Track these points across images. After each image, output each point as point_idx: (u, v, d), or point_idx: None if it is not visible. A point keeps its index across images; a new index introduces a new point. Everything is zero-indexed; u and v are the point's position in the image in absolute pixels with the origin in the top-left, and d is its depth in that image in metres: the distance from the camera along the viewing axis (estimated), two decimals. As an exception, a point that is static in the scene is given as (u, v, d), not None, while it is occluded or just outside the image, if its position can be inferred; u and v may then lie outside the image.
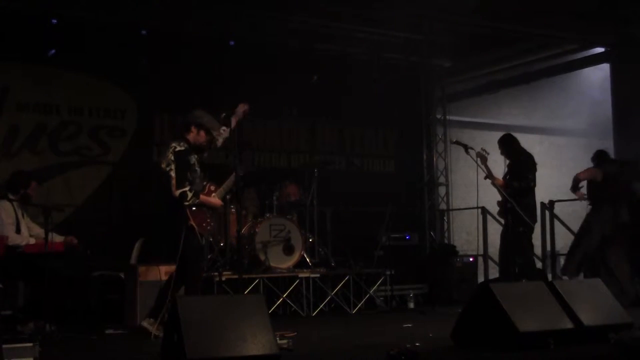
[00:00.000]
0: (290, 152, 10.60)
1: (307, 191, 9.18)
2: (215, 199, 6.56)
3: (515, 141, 8.37)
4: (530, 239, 8.12)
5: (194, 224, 6.24)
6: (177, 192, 6.16)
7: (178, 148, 6.28)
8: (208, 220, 6.44)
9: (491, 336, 5.23)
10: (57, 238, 7.11)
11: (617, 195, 8.68)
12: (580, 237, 8.85)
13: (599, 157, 9.02)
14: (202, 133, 6.38)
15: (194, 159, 6.36)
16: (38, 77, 8.96)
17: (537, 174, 8.31)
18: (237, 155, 8.84)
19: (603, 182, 8.68)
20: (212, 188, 6.63)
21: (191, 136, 6.39)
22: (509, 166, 8.19)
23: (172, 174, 6.22)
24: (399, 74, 11.33)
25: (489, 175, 7.84)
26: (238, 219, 7.62)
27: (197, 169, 6.37)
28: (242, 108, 6.76)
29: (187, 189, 6.17)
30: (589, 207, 8.89)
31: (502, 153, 8.33)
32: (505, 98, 13.71)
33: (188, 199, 6.17)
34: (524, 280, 7.68)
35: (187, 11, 9.30)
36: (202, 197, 6.36)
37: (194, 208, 6.26)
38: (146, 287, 7.30)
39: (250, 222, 8.70)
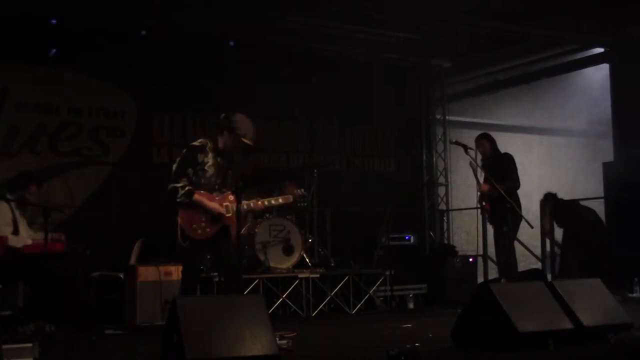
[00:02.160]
0: (289, 152, 10.59)
1: (306, 191, 9.17)
2: (213, 204, 5.93)
3: (495, 140, 8.32)
4: (513, 239, 8.05)
5: (180, 223, 5.92)
6: (169, 186, 5.91)
7: (193, 143, 6.07)
8: (202, 224, 5.91)
9: (491, 336, 5.23)
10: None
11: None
12: None
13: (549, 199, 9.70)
14: (234, 138, 6.00)
15: (208, 158, 6.00)
16: (38, 77, 8.95)
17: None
18: (247, 158, 8.78)
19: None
20: (231, 197, 6.03)
21: (222, 139, 6.07)
22: (489, 166, 8.03)
23: (174, 167, 6.01)
24: (399, 74, 11.33)
25: (478, 183, 7.85)
26: (238, 219, 7.64)
27: (209, 169, 5.99)
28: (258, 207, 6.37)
29: (179, 184, 5.87)
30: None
31: (484, 150, 8.09)
32: (505, 98, 13.72)
33: (178, 195, 5.85)
34: (502, 281, 7.67)
35: (187, 11, 9.30)
36: (197, 197, 5.89)
37: (190, 207, 5.92)
38: (146, 287, 7.31)
39: (250, 223, 8.69)
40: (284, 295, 8.34)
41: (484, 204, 8.10)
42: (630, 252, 9.42)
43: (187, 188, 5.88)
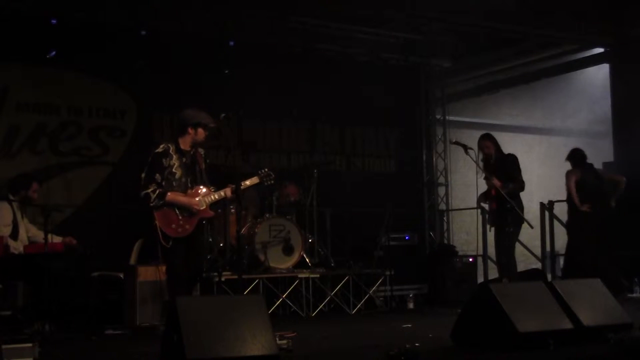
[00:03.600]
0: (290, 152, 10.60)
1: (306, 191, 9.19)
2: (188, 199, 6.19)
3: (497, 141, 8.32)
4: (515, 240, 8.06)
5: (158, 225, 6.13)
6: (141, 194, 6.15)
7: (156, 150, 6.29)
8: (181, 222, 6.19)
9: (491, 336, 5.23)
10: (56, 239, 7.11)
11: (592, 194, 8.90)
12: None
13: (577, 156, 9.19)
14: (200, 130, 6.30)
15: (173, 161, 6.24)
16: (38, 77, 8.94)
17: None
18: (246, 158, 8.87)
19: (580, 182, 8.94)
20: (201, 191, 6.31)
21: (189, 137, 6.32)
22: (493, 165, 8.03)
23: (142, 175, 6.23)
24: (399, 74, 11.33)
25: (488, 177, 7.80)
26: (238, 219, 7.64)
27: (177, 171, 6.24)
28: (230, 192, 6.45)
29: (150, 190, 6.11)
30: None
31: (488, 151, 8.07)
32: (505, 98, 13.72)
33: (151, 200, 6.11)
34: (504, 281, 7.68)
35: (187, 11, 9.30)
36: (170, 196, 6.14)
37: (164, 207, 6.17)
38: (146, 287, 7.30)
39: (250, 223, 8.70)
40: (284, 295, 8.34)
41: (482, 204, 8.10)
42: (630, 252, 9.42)
43: (158, 191, 6.12)
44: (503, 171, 7.87)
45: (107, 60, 9.09)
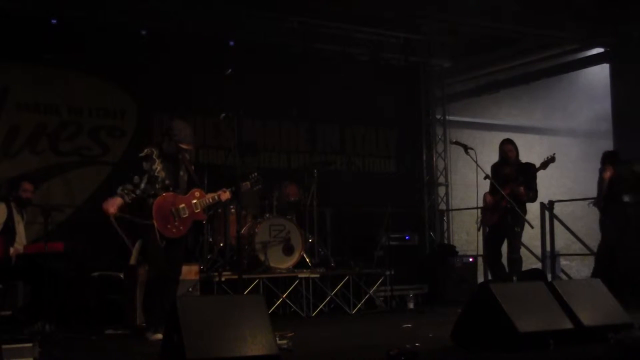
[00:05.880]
0: (290, 152, 10.59)
1: (306, 191, 9.19)
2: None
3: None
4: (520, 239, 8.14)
5: (155, 224, 6.29)
6: (118, 189, 6.44)
7: (140, 154, 6.51)
8: (176, 224, 6.38)
9: (491, 336, 5.23)
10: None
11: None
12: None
13: (612, 157, 8.88)
14: (172, 144, 6.47)
15: (156, 165, 6.44)
16: (38, 77, 8.94)
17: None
18: (241, 157, 8.92)
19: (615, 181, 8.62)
20: (197, 194, 6.52)
21: (164, 144, 6.52)
22: (511, 169, 8.08)
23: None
24: (399, 74, 11.33)
25: (505, 186, 7.83)
26: (238, 219, 7.66)
27: (159, 174, 6.43)
28: (224, 196, 6.67)
29: (121, 188, 6.39)
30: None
31: (511, 155, 8.15)
32: (505, 98, 13.73)
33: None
34: (515, 278, 7.71)
35: (187, 11, 9.30)
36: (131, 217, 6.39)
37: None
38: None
39: (250, 223, 8.70)
40: (284, 295, 8.34)
41: (488, 200, 8.10)
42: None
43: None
44: (522, 178, 7.92)
45: (107, 60, 9.10)
